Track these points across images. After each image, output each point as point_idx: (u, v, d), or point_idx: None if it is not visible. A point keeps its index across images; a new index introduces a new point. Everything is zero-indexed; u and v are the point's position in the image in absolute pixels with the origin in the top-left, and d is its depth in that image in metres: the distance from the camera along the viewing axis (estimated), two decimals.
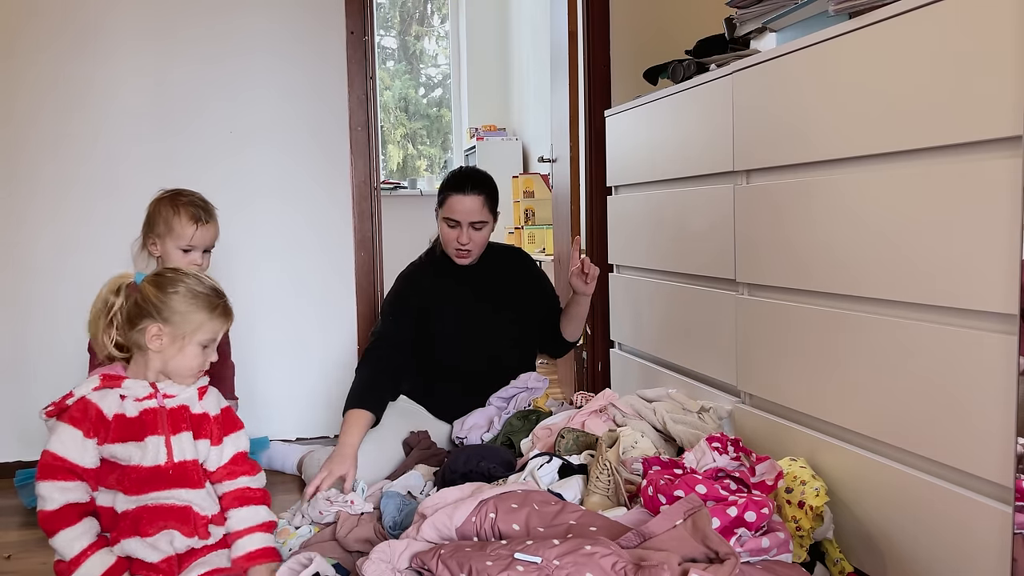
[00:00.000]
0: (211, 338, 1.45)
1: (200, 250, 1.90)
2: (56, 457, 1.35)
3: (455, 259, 2.22)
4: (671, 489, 1.36)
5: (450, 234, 2.17)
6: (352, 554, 1.59)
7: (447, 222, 2.16)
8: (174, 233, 1.86)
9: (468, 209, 2.14)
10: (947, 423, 1.22)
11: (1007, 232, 1.10)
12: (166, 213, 1.87)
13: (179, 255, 1.87)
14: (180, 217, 1.86)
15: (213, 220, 1.92)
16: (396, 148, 6.12)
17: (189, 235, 1.86)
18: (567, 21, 3.01)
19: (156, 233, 1.88)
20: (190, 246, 1.87)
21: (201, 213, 1.88)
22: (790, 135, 1.56)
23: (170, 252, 1.87)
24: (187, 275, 1.46)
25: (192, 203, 1.88)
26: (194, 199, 1.90)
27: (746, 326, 1.76)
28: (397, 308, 2.23)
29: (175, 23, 2.50)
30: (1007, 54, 1.09)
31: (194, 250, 1.88)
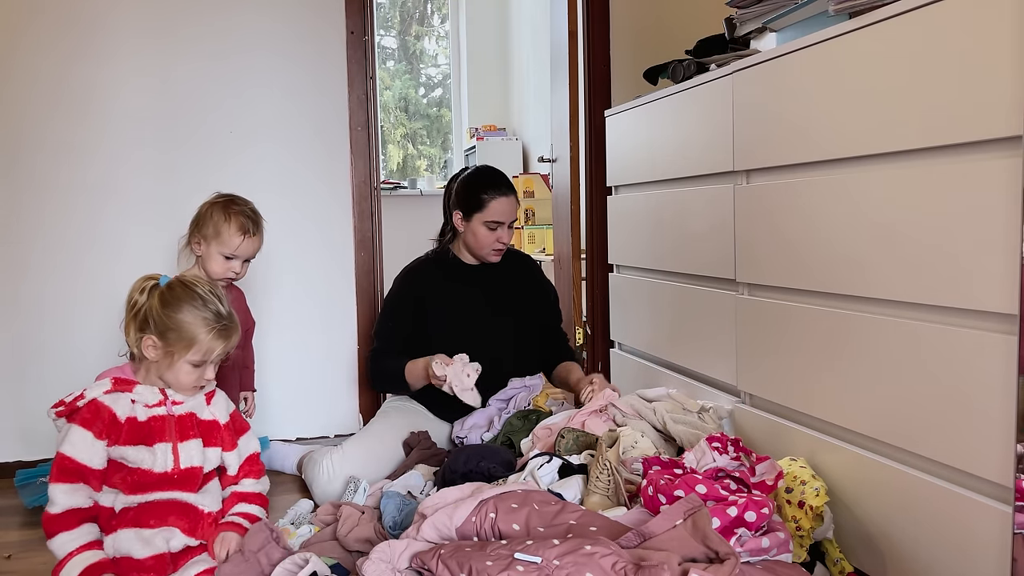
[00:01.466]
0: (202, 359, 1.45)
1: (242, 260, 1.92)
2: (67, 459, 1.37)
3: (490, 259, 2.24)
4: (671, 489, 1.36)
5: (490, 236, 2.19)
6: (352, 554, 1.59)
7: (488, 225, 2.18)
8: (221, 239, 1.88)
9: (511, 210, 2.20)
10: (947, 423, 1.22)
11: (1007, 232, 1.10)
12: (217, 218, 1.89)
13: (220, 260, 1.90)
14: (230, 225, 1.88)
15: (260, 232, 1.94)
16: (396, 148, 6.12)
17: (235, 244, 1.89)
18: (567, 21, 3.01)
19: (203, 234, 1.90)
20: (233, 255, 1.90)
21: (250, 225, 1.91)
22: (790, 135, 1.56)
23: (212, 255, 1.90)
24: (196, 293, 1.46)
25: (243, 213, 1.91)
26: (246, 209, 1.92)
27: (746, 326, 1.76)
28: (396, 310, 2.24)
29: (175, 22, 2.50)
30: (1007, 54, 1.09)
31: (236, 259, 1.91)
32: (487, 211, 2.17)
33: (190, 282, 1.49)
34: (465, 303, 2.25)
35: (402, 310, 2.24)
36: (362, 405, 2.72)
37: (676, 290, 2.09)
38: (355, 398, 2.72)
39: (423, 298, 2.23)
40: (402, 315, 2.24)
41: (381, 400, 2.65)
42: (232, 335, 1.49)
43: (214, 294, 1.49)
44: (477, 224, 2.19)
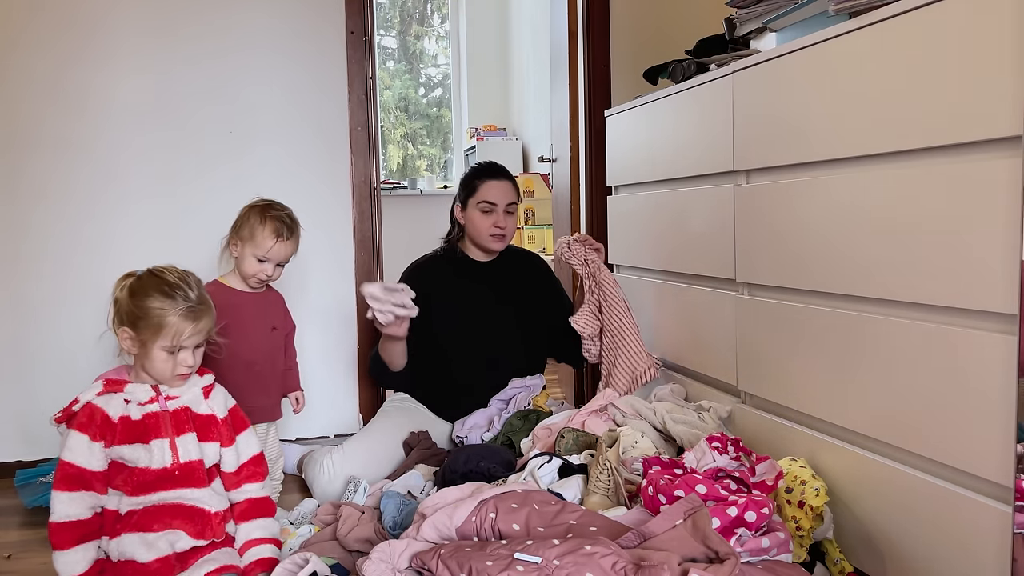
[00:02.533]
0: (172, 344, 1.43)
1: (274, 263, 1.95)
2: (68, 465, 1.39)
3: (490, 245, 2.25)
4: (671, 489, 1.36)
5: (485, 221, 2.21)
6: (352, 554, 1.59)
7: (482, 207, 2.20)
8: (255, 241, 1.92)
9: (503, 192, 2.22)
10: (947, 423, 1.22)
11: (1007, 232, 1.10)
12: (253, 221, 1.92)
13: (253, 262, 1.93)
14: (264, 228, 1.91)
15: (295, 237, 1.96)
16: (396, 148, 6.12)
17: (268, 247, 1.91)
18: (567, 21, 3.01)
19: (240, 236, 1.94)
20: (266, 257, 1.93)
21: (284, 229, 1.93)
22: (790, 135, 1.56)
23: (246, 257, 1.93)
24: (163, 280, 1.46)
25: (279, 218, 1.93)
26: (282, 215, 1.95)
27: (746, 326, 1.76)
28: None
29: (175, 22, 2.50)
30: (1007, 54, 1.09)
31: (268, 262, 1.94)
32: (479, 193, 2.21)
33: (160, 270, 1.50)
34: (474, 300, 2.25)
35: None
36: (362, 405, 2.72)
37: (676, 290, 2.09)
38: (355, 398, 2.72)
39: (429, 295, 2.23)
40: None
41: (381, 400, 2.65)
42: (201, 317, 1.48)
43: (184, 280, 1.50)
44: (472, 210, 2.22)
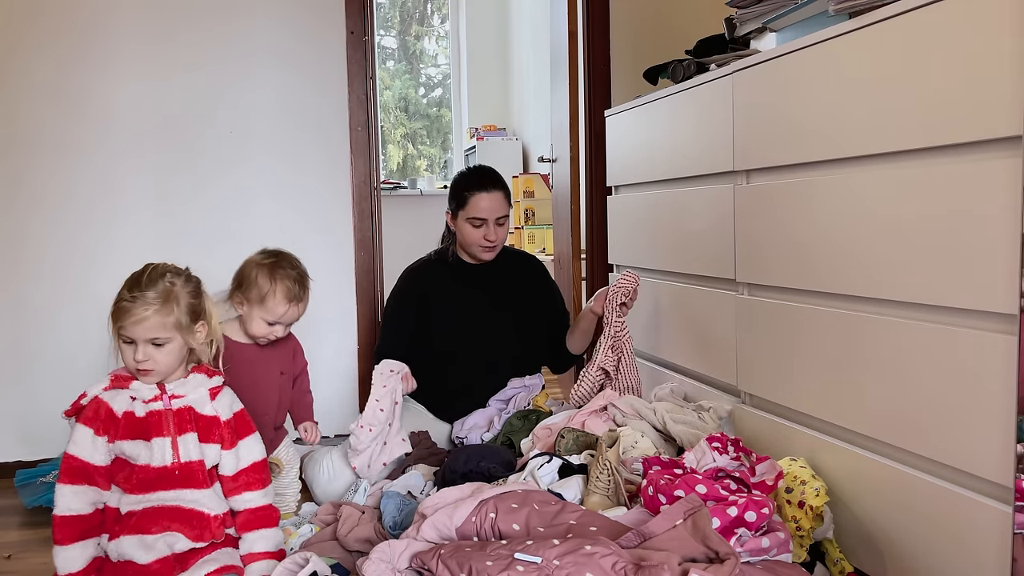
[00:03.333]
0: (129, 336, 1.41)
1: (283, 325, 1.83)
2: (72, 458, 1.41)
3: (481, 256, 2.23)
4: (671, 489, 1.36)
5: (475, 234, 2.19)
6: (352, 554, 1.59)
7: (472, 222, 2.17)
8: (265, 306, 1.78)
9: (493, 206, 2.17)
10: (947, 423, 1.22)
11: (1007, 232, 1.10)
12: (262, 283, 1.78)
13: (263, 325, 1.80)
14: (275, 293, 1.77)
15: (306, 296, 1.84)
16: (396, 148, 6.12)
17: (280, 312, 1.79)
18: (567, 21, 3.01)
19: (246, 296, 1.80)
20: (277, 321, 1.81)
21: (297, 290, 1.80)
22: (790, 135, 1.56)
23: (254, 318, 1.80)
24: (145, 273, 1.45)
25: (290, 278, 1.80)
26: (293, 274, 1.81)
27: (746, 326, 1.76)
28: (399, 310, 2.24)
29: (176, 24, 2.50)
30: (1007, 54, 1.09)
31: (279, 324, 1.82)
32: (468, 208, 2.18)
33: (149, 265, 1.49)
34: (469, 302, 2.25)
35: (405, 309, 2.24)
36: (362, 405, 2.72)
37: (676, 290, 2.09)
38: (355, 398, 2.72)
39: (427, 295, 2.23)
40: (405, 314, 2.24)
41: None
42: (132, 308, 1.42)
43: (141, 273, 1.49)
44: (462, 222, 2.20)
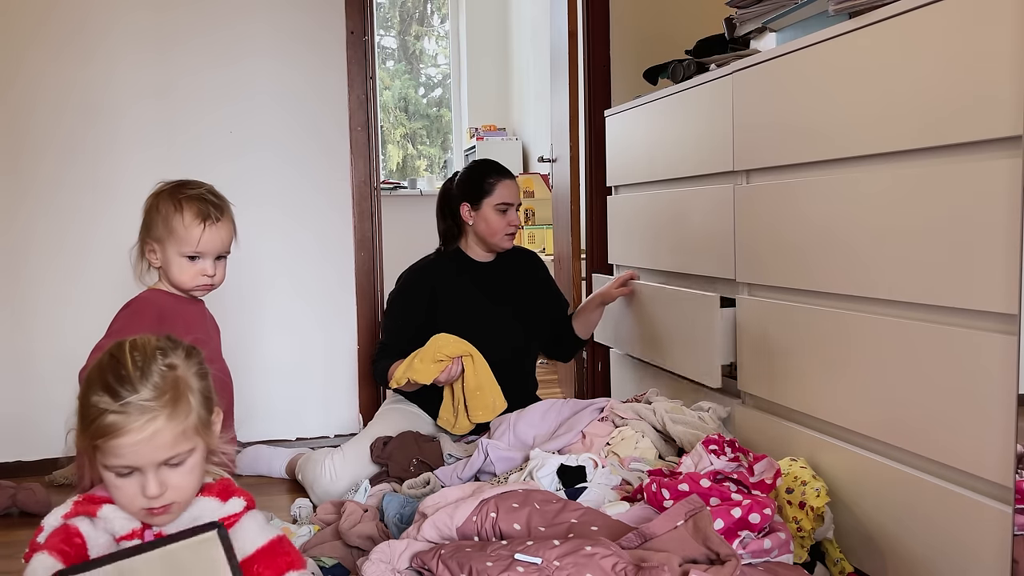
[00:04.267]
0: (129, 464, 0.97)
1: (211, 257, 1.53)
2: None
3: (503, 244, 2.27)
4: (675, 484, 1.37)
5: (501, 221, 2.23)
6: (353, 551, 1.59)
7: (498, 208, 2.22)
8: (176, 236, 1.49)
9: (516, 192, 2.27)
10: (947, 423, 1.22)
11: (1007, 232, 1.10)
12: (166, 210, 1.49)
13: (184, 264, 1.51)
14: (183, 215, 1.48)
15: (226, 218, 1.54)
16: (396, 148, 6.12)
17: (195, 238, 1.49)
18: (567, 21, 3.01)
19: (154, 237, 1.51)
20: (197, 252, 1.51)
21: (210, 210, 1.50)
22: (790, 135, 1.56)
23: (172, 260, 1.51)
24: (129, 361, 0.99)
25: (199, 197, 1.51)
26: (202, 192, 1.53)
27: (746, 326, 1.76)
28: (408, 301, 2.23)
29: (176, 24, 2.50)
30: (1007, 54, 1.09)
31: (202, 257, 1.52)
32: (495, 194, 2.22)
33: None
34: (476, 298, 2.26)
35: (415, 303, 2.23)
36: (362, 405, 2.72)
37: (676, 291, 2.09)
38: (355, 398, 2.72)
39: (435, 289, 2.24)
40: (414, 309, 2.22)
41: (381, 400, 2.65)
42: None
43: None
44: (488, 210, 2.22)
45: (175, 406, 0.98)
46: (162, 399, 0.97)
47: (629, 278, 2.28)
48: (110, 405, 0.95)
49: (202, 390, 1.04)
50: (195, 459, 1.01)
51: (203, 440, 1.03)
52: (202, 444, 1.02)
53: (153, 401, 0.96)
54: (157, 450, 0.96)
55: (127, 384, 0.96)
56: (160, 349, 1.02)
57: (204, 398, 1.04)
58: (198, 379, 1.04)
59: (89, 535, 1.01)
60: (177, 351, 1.04)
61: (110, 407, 0.95)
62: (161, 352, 1.02)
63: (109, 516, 1.02)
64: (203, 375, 1.06)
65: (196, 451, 1.01)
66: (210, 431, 1.05)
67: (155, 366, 0.99)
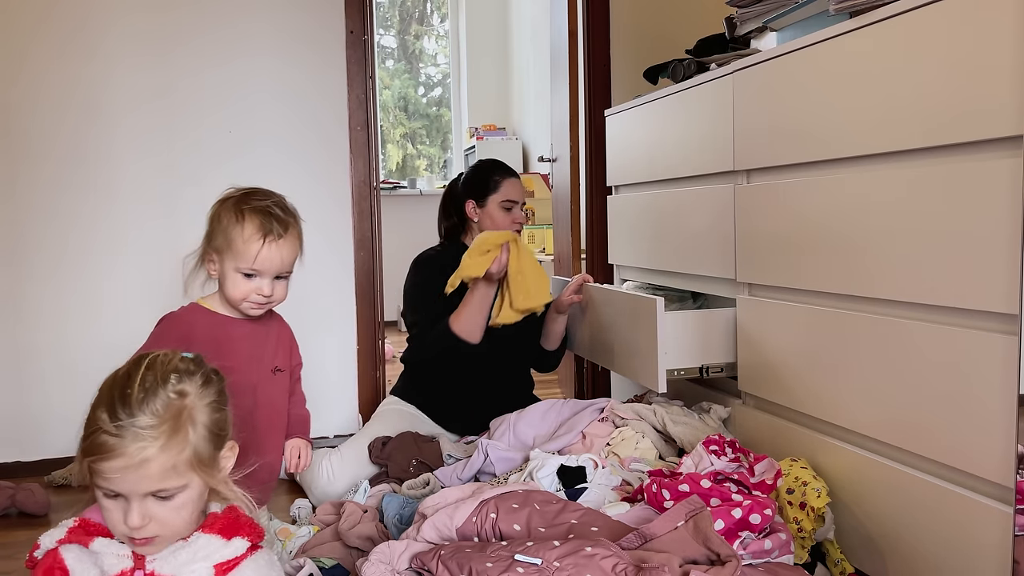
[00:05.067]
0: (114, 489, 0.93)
1: (269, 276, 1.40)
2: None
3: None
4: (676, 484, 1.36)
5: (506, 218, 2.25)
6: (352, 551, 1.59)
7: (504, 205, 2.24)
8: (234, 249, 1.37)
9: (521, 190, 2.29)
10: (947, 423, 1.22)
11: (1007, 232, 1.10)
12: (227, 221, 1.37)
13: (239, 280, 1.38)
14: (243, 228, 1.36)
15: (291, 234, 1.40)
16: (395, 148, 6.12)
17: (252, 254, 1.36)
18: (567, 21, 3.01)
19: (214, 247, 1.39)
20: (253, 269, 1.38)
21: (274, 224, 1.37)
22: (790, 135, 1.56)
23: (227, 274, 1.39)
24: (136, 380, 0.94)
25: (263, 210, 1.38)
26: (267, 205, 1.39)
27: (746, 326, 1.76)
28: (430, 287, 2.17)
29: (176, 24, 2.50)
30: (1007, 54, 1.08)
31: (260, 275, 1.39)
32: (501, 191, 2.23)
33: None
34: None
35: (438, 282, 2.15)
36: (362, 405, 2.72)
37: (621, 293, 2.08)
38: (355, 398, 2.72)
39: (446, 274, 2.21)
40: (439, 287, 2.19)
41: (380, 400, 2.65)
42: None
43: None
44: (493, 207, 2.23)
45: (171, 437, 0.92)
46: (158, 428, 0.91)
47: (582, 282, 2.26)
48: (105, 424, 0.90)
49: (211, 424, 0.97)
50: (187, 496, 0.94)
51: (200, 477, 0.95)
52: (198, 481, 0.95)
53: (148, 429, 0.90)
54: (142, 480, 0.90)
55: (127, 406, 0.91)
56: (177, 373, 0.96)
57: (212, 433, 0.97)
58: (209, 411, 0.97)
59: (75, 569, 0.95)
60: (195, 377, 0.97)
61: (105, 426, 0.90)
62: (177, 376, 0.96)
63: (101, 551, 0.97)
64: (218, 407, 0.99)
65: (189, 488, 0.94)
66: (212, 469, 0.96)
67: (163, 391, 0.93)
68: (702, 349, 1.83)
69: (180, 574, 0.95)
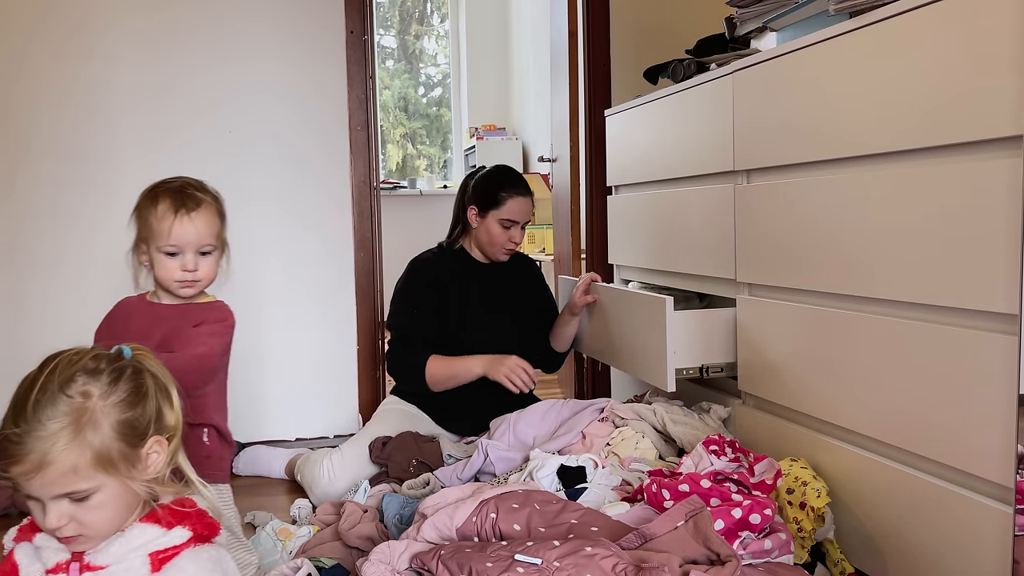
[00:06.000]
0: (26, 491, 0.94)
1: (191, 251, 1.43)
2: None
3: (499, 257, 2.26)
4: (675, 484, 1.36)
5: (503, 236, 2.21)
6: (352, 551, 1.59)
7: (503, 223, 2.20)
8: (151, 231, 1.42)
9: (526, 210, 2.22)
10: (947, 423, 1.22)
11: (1007, 232, 1.10)
12: (144, 208, 1.44)
13: (163, 260, 1.43)
14: (156, 208, 1.42)
15: (204, 209, 1.45)
16: (395, 148, 6.12)
17: (166, 231, 1.41)
18: (567, 21, 3.01)
19: (141, 237, 1.46)
20: (172, 245, 1.42)
21: (185, 200, 1.43)
22: (790, 135, 1.56)
23: (154, 258, 1.44)
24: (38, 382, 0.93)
25: (174, 189, 1.44)
26: (180, 184, 1.46)
27: (746, 326, 1.76)
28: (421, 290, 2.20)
29: (175, 23, 2.50)
30: (1007, 54, 1.09)
31: (181, 253, 1.43)
32: (503, 209, 2.19)
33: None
34: (473, 297, 2.25)
35: (428, 290, 2.20)
36: (362, 405, 2.72)
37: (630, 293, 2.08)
38: (355, 398, 2.72)
39: (439, 280, 2.22)
40: (428, 294, 2.20)
41: (380, 400, 2.65)
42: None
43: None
44: (492, 221, 2.20)
45: (71, 441, 0.89)
46: (56, 433, 0.89)
47: (591, 282, 2.23)
48: (8, 429, 0.89)
49: (120, 423, 0.93)
50: (103, 496, 0.91)
51: (115, 477, 0.91)
52: (113, 482, 0.91)
53: (45, 434, 0.88)
54: (46, 485, 0.89)
55: (25, 412, 0.89)
56: (85, 373, 0.93)
57: (122, 432, 0.93)
58: (119, 410, 0.93)
59: (23, 564, 0.96)
60: (101, 377, 0.94)
61: (6, 431, 0.89)
62: (86, 375, 0.93)
63: (42, 545, 0.97)
64: (131, 404, 0.94)
65: (104, 488, 0.91)
66: (128, 468, 0.93)
67: (62, 394, 0.91)
68: (703, 349, 1.83)
69: (112, 564, 0.93)
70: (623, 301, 2.04)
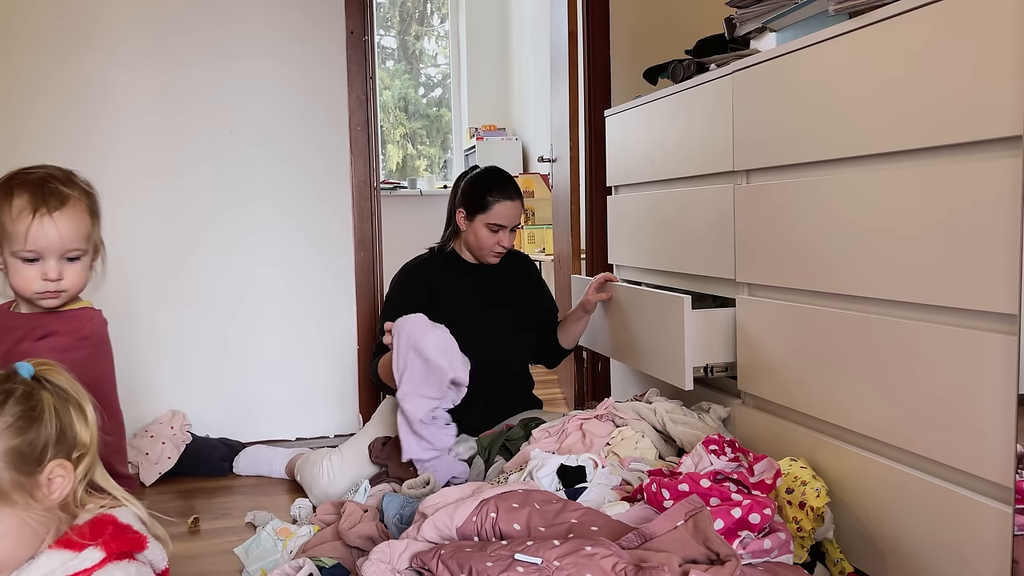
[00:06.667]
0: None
1: (53, 257, 1.22)
2: None
3: (488, 260, 2.25)
4: (675, 484, 1.37)
5: (491, 239, 2.19)
6: (352, 551, 1.59)
7: (490, 227, 2.19)
8: (6, 232, 1.21)
9: (514, 214, 2.20)
10: (947, 423, 1.22)
11: (1007, 232, 1.10)
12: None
13: (19, 267, 1.21)
14: (11, 206, 1.20)
15: (71, 208, 1.23)
16: (395, 148, 6.12)
17: (22, 234, 1.19)
18: (567, 21, 3.01)
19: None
20: (31, 252, 1.21)
21: (46, 197, 1.20)
22: (790, 135, 1.56)
23: (8, 264, 1.23)
24: None
25: (34, 183, 1.21)
26: (41, 176, 1.23)
27: (746, 326, 1.76)
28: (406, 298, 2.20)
29: (175, 23, 2.50)
30: (1007, 54, 1.09)
31: (42, 259, 1.21)
32: (490, 213, 2.18)
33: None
34: (466, 298, 2.25)
35: (412, 298, 2.19)
36: (362, 405, 2.72)
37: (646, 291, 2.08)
38: (355, 398, 2.72)
39: (431, 288, 2.22)
40: (412, 303, 2.20)
41: (380, 401, 2.65)
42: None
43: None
44: (479, 225, 2.19)
45: None
46: None
47: (605, 280, 2.23)
48: None
49: (10, 452, 0.86)
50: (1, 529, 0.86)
51: (11, 508, 0.86)
52: (9, 513, 0.86)
53: None
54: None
55: None
56: None
57: (12, 459, 0.86)
58: (8, 436, 0.87)
59: None
60: None
61: None
62: None
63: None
64: (21, 429, 0.88)
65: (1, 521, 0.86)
66: (22, 495, 0.87)
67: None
68: (703, 349, 1.83)
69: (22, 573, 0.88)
70: (639, 300, 2.04)
